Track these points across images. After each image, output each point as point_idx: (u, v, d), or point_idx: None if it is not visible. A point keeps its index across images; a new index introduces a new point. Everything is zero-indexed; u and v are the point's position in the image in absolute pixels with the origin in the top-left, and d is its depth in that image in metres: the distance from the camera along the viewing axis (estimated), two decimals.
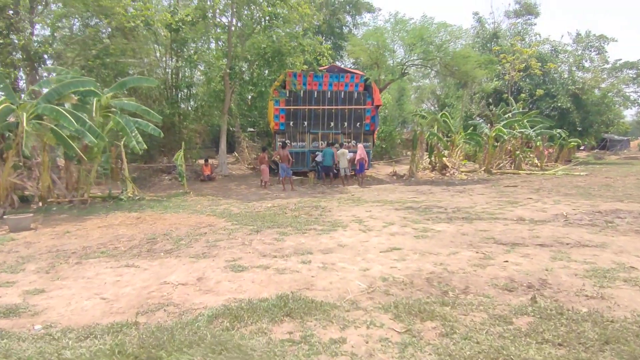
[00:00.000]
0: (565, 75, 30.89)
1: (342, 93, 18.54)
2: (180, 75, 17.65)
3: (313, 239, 7.34)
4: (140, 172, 18.97)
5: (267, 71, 16.57)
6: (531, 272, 5.21)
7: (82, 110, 11.46)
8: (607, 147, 46.66)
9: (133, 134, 12.47)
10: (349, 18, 28.77)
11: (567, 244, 6.59)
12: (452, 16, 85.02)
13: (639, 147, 52.01)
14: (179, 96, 17.83)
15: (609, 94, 30.34)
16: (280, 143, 16.11)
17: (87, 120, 11.00)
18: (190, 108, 18.05)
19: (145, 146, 12.64)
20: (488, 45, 31.26)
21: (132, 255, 6.52)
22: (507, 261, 5.59)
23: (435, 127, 20.23)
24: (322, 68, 18.10)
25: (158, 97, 17.11)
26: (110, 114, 12.47)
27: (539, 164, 25.09)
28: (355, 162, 16.75)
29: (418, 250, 6.40)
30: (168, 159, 18.21)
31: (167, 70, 16.87)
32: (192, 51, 15.32)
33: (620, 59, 32.94)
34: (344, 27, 28.07)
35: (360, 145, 17.19)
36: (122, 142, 13.59)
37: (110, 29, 14.84)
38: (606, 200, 11.80)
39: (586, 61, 31.74)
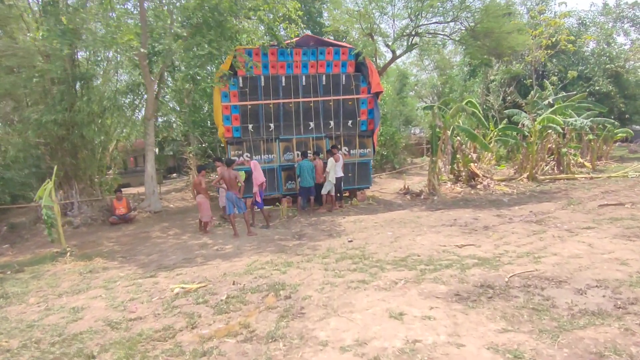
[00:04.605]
0: (599, 52, 25.06)
1: (324, 77, 12.39)
2: (75, 63, 11.37)
3: None
4: (29, 214, 12.61)
5: (200, 44, 10.31)
6: None
7: None
8: (630, 140, 40.94)
9: None
10: None
11: None
12: None
13: None
14: (77, 93, 11.41)
15: None
16: (224, 159, 9.82)
17: None
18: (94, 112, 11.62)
19: None
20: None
21: None
22: None
23: (460, 121, 14.19)
24: (290, 41, 12.00)
25: (38, 97, 10.83)
26: None
27: (587, 164, 19.09)
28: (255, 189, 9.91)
29: None
30: (65, 191, 11.84)
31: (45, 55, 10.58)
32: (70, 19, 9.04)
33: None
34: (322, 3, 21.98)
35: (254, 163, 10.45)
36: None
37: None
38: None
39: (618, 35, 26.14)
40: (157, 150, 22.92)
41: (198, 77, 10.36)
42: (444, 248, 6.78)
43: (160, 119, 18.17)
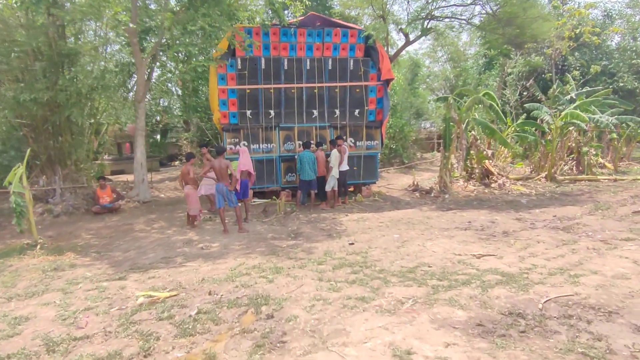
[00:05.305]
0: (624, 47, 23.66)
1: (330, 61, 11.39)
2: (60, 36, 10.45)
3: None
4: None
5: (193, 19, 9.34)
6: None
7: None
8: None
9: None
10: None
11: None
12: None
13: None
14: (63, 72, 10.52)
15: None
16: (214, 148, 8.94)
17: None
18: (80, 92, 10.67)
19: None
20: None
21: None
22: None
23: (476, 114, 13.13)
24: (294, 21, 11.01)
25: (18, 73, 9.97)
26: None
27: (609, 165, 17.94)
28: (237, 176, 8.81)
29: None
30: (47, 177, 11.03)
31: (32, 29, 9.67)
32: None
33: None
34: None
35: (243, 149, 9.83)
36: None
37: None
38: None
39: None
40: (158, 136, 22.12)
41: (188, 55, 9.40)
42: (459, 258, 5.83)
43: (162, 103, 17.32)
